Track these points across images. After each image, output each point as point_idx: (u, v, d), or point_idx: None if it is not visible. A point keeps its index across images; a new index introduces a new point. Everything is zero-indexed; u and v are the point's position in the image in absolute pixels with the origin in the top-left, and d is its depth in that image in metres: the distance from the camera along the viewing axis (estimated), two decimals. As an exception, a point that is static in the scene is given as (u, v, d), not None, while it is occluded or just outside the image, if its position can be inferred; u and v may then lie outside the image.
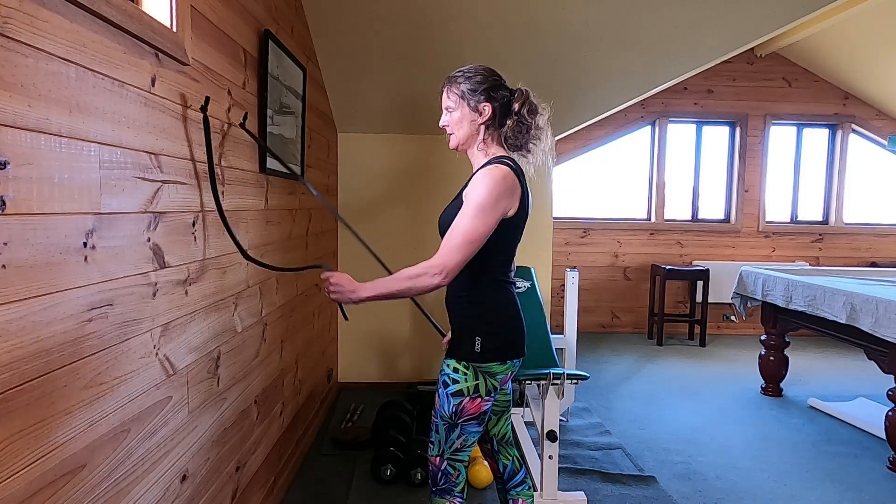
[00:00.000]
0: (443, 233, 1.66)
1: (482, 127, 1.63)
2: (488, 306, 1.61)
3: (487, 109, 1.61)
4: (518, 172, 1.59)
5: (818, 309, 3.35)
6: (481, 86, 1.61)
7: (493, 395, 1.63)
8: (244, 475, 2.02)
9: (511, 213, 1.56)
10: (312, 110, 2.99)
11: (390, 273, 1.73)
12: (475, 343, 1.58)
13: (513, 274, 1.72)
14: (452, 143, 1.67)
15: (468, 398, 1.60)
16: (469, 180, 1.61)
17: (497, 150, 1.64)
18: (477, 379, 1.60)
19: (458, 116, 1.63)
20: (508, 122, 1.62)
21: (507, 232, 1.59)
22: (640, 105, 5.67)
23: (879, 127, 5.93)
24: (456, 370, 1.60)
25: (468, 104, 1.61)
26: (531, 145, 1.66)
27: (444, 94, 1.66)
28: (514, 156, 1.66)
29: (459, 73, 1.64)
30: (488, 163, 1.59)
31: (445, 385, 1.62)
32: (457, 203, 1.63)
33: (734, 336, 5.85)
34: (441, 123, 1.68)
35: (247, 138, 1.94)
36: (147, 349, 1.33)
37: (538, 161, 1.68)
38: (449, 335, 1.66)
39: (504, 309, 1.64)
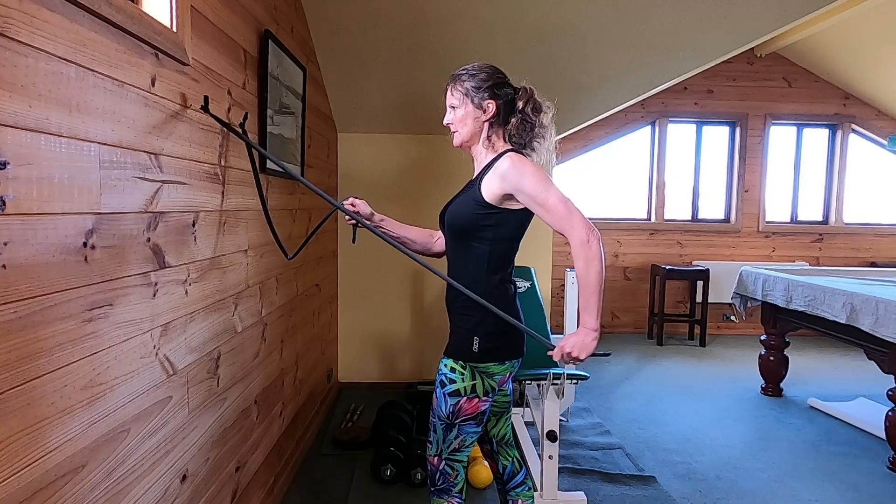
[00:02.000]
0: (451, 227, 1.65)
1: (486, 124, 1.63)
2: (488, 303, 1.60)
3: (491, 107, 1.61)
4: None
5: (818, 309, 3.35)
6: (485, 83, 1.61)
7: (490, 395, 1.63)
8: (244, 475, 2.02)
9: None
10: (312, 110, 2.99)
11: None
12: (473, 343, 1.58)
13: (511, 273, 1.72)
14: (456, 141, 1.67)
15: (465, 398, 1.60)
16: (482, 174, 1.60)
17: (502, 146, 1.64)
18: (474, 379, 1.59)
19: (462, 114, 1.63)
20: (513, 119, 1.62)
21: (522, 219, 1.60)
22: (640, 105, 5.67)
23: (879, 127, 5.93)
24: (453, 370, 1.60)
25: (472, 101, 1.61)
26: (535, 143, 1.66)
27: (448, 92, 1.66)
28: None
29: (463, 71, 1.64)
30: (501, 154, 1.58)
31: (442, 385, 1.62)
32: (468, 196, 1.61)
33: (734, 336, 5.85)
34: (445, 121, 1.68)
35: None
36: (147, 349, 1.33)
37: (542, 159, 1.68)
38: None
39: (504, 309, 1.63)
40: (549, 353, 1.56)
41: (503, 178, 1.53)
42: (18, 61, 0.91)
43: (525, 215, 1.60)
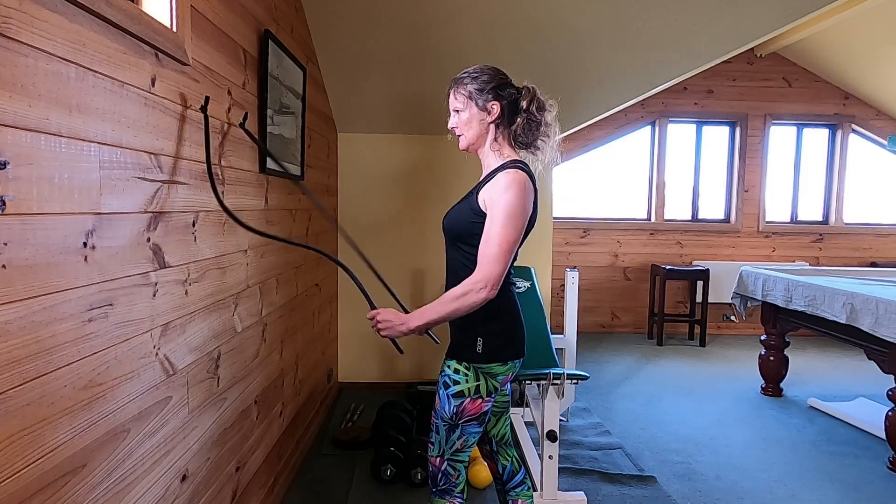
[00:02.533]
0: (449, 233, 1.65)
1: (492, 126, 1.63)
2: (489, 307, 1.60)
3: (496, 108, 1.61)
4: (532, 177, 1.60)
5: (818, 309, 3.35)
6: (488, 85, 1.61)
7: (493, 395, 1.63)
8: (244, 475, 2.02)
9: (528, 215, 1.57)
10: (312, 110, 2.99)
11: (381, 277, 1.77)
12: (476, 344, 1.58)
13: (510, 276, 1.72)
14: (462, 145, 1.67)
15: (469, 399, 1.60)
16: (482, 182, 1.60)
17: (510, 152, 1.64)
18: (478, 380, 1.59)
19: (466, 117, 1.63)
20: (518, 119, 1.62)
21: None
22: (640, 105, 5.67)
23: (879, 127, 5.93)
24: (457, 371, 1.60)
25: (476, 104, 1.61)
26: (540, 142, 1.66)
27: (451, 96, 1.65)
28: (524, 154, 1.67)
29: (465, 74, 1.64)
30: (503, 166, 1.58)
31: (446, 386, 1.62)
32: (466, 204, 1.62)
33: (734, 336, 5.85)
34: (449, 125, 1.67)
35: (247, 138, 1.94)
36: (147, 349, 1.33)
37: (547, 158, 1.68)
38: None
39: (505, 309, 1.63)
40: (370, 312, 1.64)
41: (493, 186, 1.54)
42: (18, 61, 0.91)
43: (528, 224, 1.60)
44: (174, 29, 1.41)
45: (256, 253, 2.12)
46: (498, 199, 1.51)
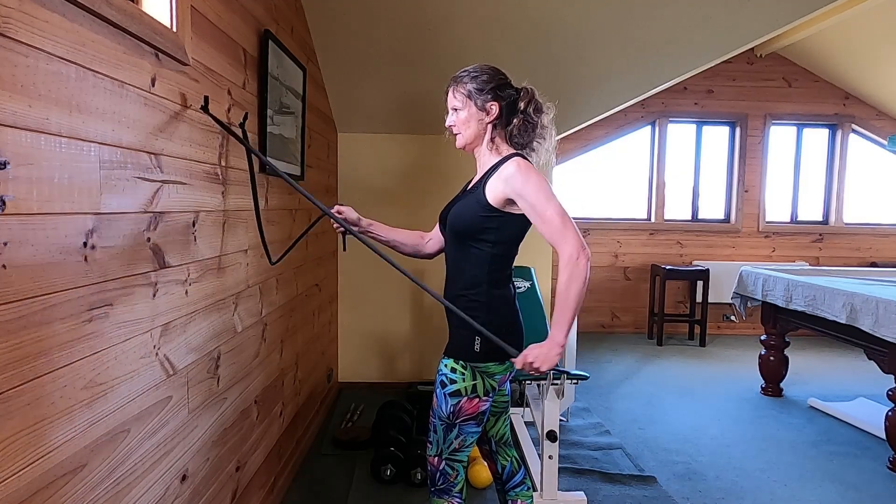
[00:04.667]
0: (454, 229, 1.64)
1: (489, 126, 1.63)
2: (488, 306, 1.60)
3: (495, 108, 1.61)
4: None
5: (818, 309, 3.35)
6: (488, 85, 1.61)
7: (491, 395, 1.63)
8: (244, 475, 2.02)
9: None
10: (312, 110, 2.99)
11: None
12: (474, 343, 1.58)
13: (511, 275, 1.72)
14: (460, 143, 1.67)
15: (466, 398, 1.60)
16: (486, 176, 1.60)
17: (507, 149, 1.64)
18: (475, 379, 1.59)
19: (465, 116, 1.63)
20: (515, 120, 1.62)
21: (523, 223, 1.60)
22: (640, 105, 5.67)
23: (879, 127, 5.93)
24: (454, 370, 1.60)
25: (475, 103, 1.61)
26: (536, 143, 1.66)
27: (450, 94, 1.65)
28: None
29: (465, 73, 1.64)
30: (506, 158, 1.58)
31: (443, 385, 1.61)
32: (471, 199, 1.61)
33: (734, 336, 5.85)
34: (447, 123, 1.67)
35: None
36: (147, 349, 1.33)
37: (542, 160, 1.68)
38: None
39: (503, 309, 1.63)
40: (512, 360, 1.55)
41: (507, 181, 1.53)
42: (18, 61, 0.91)
43: (526, 219, 1.60)
44: (174, 29, 1.41)
45: (256, 253, 2.12)
46: (524, 186, 1.51)
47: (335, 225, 1.77)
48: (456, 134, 1.66)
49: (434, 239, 1.87)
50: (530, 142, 1.65)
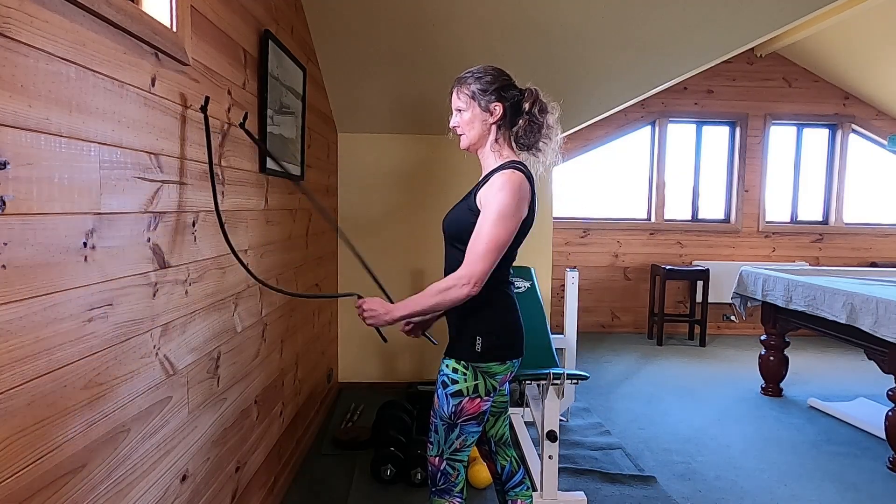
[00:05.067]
0: (448, 233, 1.65)
1: (494, 127, 1.63)
2: (488, 306, 1.60)
3: (499, 109, 1.61)
4: (530, 178, 1.60)
5: (818, 309, 3.35)
6: (492, 86, 1.61)
7: (492, 395, 1.63)
8: (244, 475, 2.02)
9: (522, 217, 1.57)
10: (312, 110, 2.99)
11: (377, 281, 1.79)
12: (475, 343, 1.58)
13: (509, 276, 1.72)
14: (464, 144, 1.67)
15: (467, 398, 1.60)
16: (481, 182, 1.60)
17: (509, 153, 1.64)
18: (476, 379, 1.59)
19: (469, 117, 1.63)
20: (520, 121, 1.62)
21: (517, 235, 1.59)
22: (640, 105, 5.67)
23: (879, 127, 5.93)
24: (455, 370, 1.60)
25: (479, 104, 1.61)
26: (542, 144, 1.66)
27: (454, 95, 1.66)
28: (525, 155, 1.67)
29: (469, 74, 1.64)
30: (502, 167, 1.58)
31: (444, 385, 1.62)
32: (464, 204, 1.62)
33: (734, 336, 5.85)
34: (451, 124, 1.67)
35: (247, 138, 1.94)
36: (147, 349, 1.33)
37: (548, 160, 1.68)
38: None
39: (504, 309, 1.64)
40: (357, 295, 1.68)
41: (489, 186, 1.54)
42: (18, 61, 0.91)
43: (525, 225, 1.59)
44: (174, 29, 1.41)
45: (256, 253, 2.12)
46: (492, 199, 1.52)
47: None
48: (460, 135, 1.67)
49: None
50: (536, 142, 1.65)
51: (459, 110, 1.64)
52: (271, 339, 2.33)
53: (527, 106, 1.61)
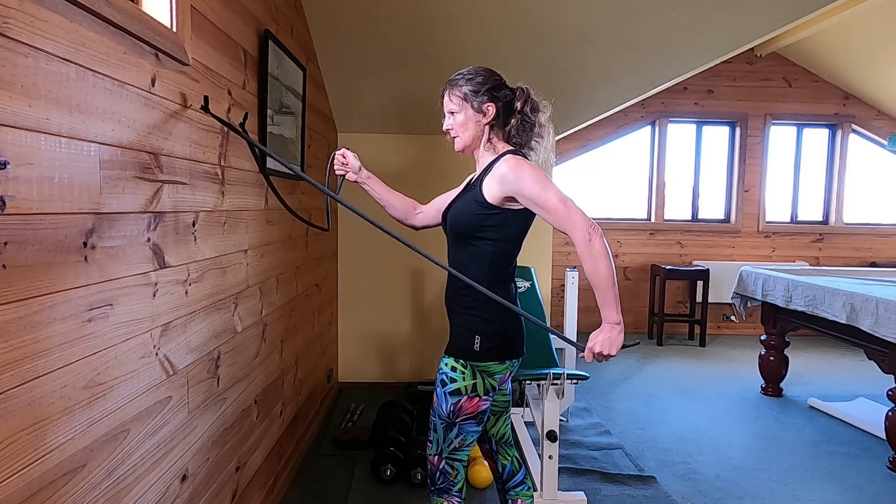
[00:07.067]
0: (454, 230, 1.64)
1: (487, 127, 1.63)
2: (489, 305, 1.60)
3: (491, 109, 1.61)
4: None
5: (818, 309, 3.35)
6: (483, 86, 1.61)
7: (491, 394, 1.63)
8: (244, 475, 2.02)
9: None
10: (312, 110, 2.99)
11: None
12: (475, 341, 1.58)
13: (514, 273, 1.72)
14: (458, 146, 1.67)
15: (466, 397, 1.60)
16: (483, 175, 1.60)
17: (503, 146, 1.64)
18: (475, 378, 1.59)
19: (462, 119, 1.63)
20: (512, 120, 1.62)
21: (524, 220, 1.60)
22: (640, 105, 5.67)
23: (879, 127, 5.93)
24: (454, 369, 1.60)
25: (472, 106, 1.61)
26: (534, 143, 1.66)
27: (446, 98, 1.65)
28: None
29: (459, 76, 1.64)
30: (502, 155, 1.58)
31: (443, 384, 1.62)
32: (469, 197, 1.62)
33: (734, 336, 5.85)
34: (445, 127, 1.67)
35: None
36: (147, 349, 1.33)
37: (540, 159, 1.68)
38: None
39: (504, 308, 1.63)
40: (581, 355, 1.53)
41: (502, 181, 1.53)
42: (18, 61, 0.91)
43: (527, 215, 1.60)
44: (174, 29, 1.41)
45: (256, 253, 2.12)
46: (518, 183, 1.51)
47: (336, 168, 1.88)
48: (454, 137, 1.66)
49: (424, 214, 1.91)
50: (528, 141, 1.66)
51: (452, 113, 1.64)
52: (271, 339, 2.33)
53: (519, 105, 1.62)
